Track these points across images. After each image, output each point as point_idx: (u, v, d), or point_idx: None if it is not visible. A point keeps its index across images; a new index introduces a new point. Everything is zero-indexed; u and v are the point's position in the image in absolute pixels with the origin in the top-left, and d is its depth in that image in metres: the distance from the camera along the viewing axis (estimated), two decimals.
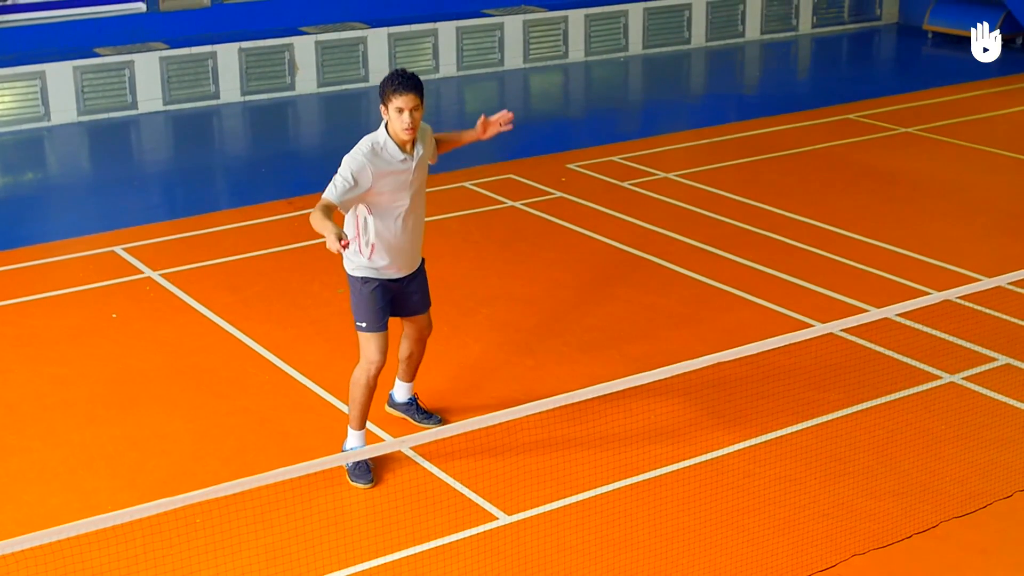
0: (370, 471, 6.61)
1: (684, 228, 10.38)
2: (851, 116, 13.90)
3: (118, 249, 10.06)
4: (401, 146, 6.39)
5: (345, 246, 5.79)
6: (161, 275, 9.49)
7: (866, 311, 8.55)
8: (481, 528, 6.26)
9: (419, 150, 6.50)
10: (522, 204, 11.03)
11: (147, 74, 14.44)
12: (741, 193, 11.23)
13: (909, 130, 13.32)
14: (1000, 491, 6.50)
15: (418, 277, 6.80)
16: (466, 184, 11.51)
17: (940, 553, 6.05)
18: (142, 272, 9.58)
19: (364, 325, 6.55)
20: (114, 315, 8.85)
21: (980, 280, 9.00)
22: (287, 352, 8.17)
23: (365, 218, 6.45)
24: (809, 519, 6.28)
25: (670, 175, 11.85)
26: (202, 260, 9.83)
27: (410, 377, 7.18)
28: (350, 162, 6.28)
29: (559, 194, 11.28)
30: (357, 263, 6.55)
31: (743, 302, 8.90)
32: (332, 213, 6.12)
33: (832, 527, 6.21)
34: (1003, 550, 6.09)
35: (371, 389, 6.61)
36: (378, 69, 15.62)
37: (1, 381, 7.96)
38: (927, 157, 12.44)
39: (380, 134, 6.40)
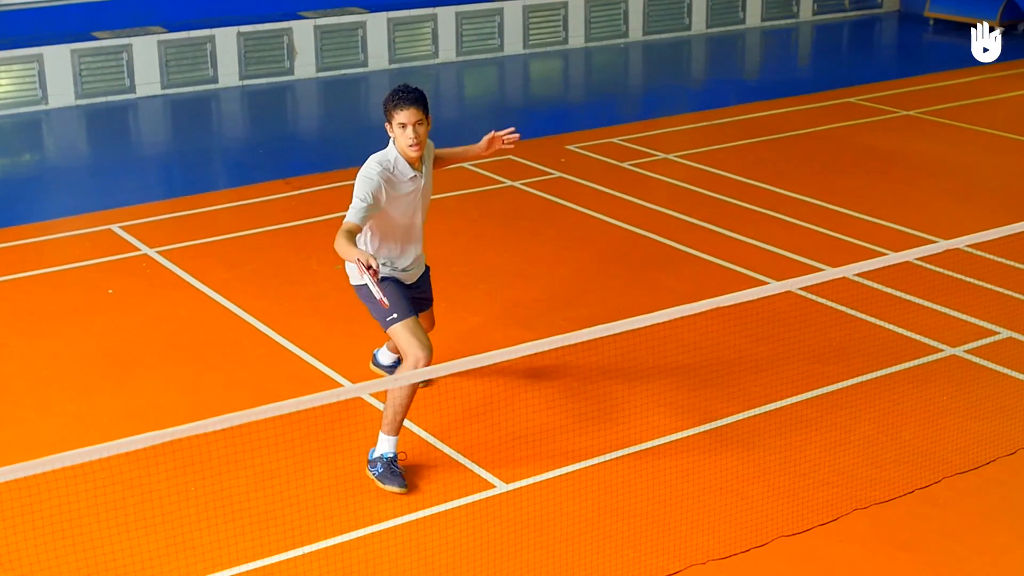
0: (402, 473, 6.26)
1: (684, 207, 10.32)
2: (852, 99, 13.84)
3: (115, 227, 10.00)
4: (411, 163, 6.31)
5: (375, 275, 5.63)
6: (158, 252, 9.44)
7: (865, 286, 8.52)
8: (478, 496, 6.20)
9: (427, 166, 6.44)
10: (521, 184, 10.97)
11: (145, 58, 14.38)
12: (742, 173, 11.17)
13: (910, 113, 13.26)
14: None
15: (424, 280, 6.77)
16: (464, 165, 11.42)
17: (942, 519, 5.99)
18: (138, 249, 9.53)
19: (395, 316, 6.26)
20: (110, 291, 8.80)
21: (978, 255, 8.96)
22: (283, 326, 8.12)
23: (369, 230, 6.34)
24: (811, 486, 6.22)
25: (670, 156, 11.78)
26: (199, 238, 9.78)
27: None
28: (365, 183, 6.16)
29: (558, 174, 11.22)
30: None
31: (743, 278, 8.84)
32: (355, 237, 5.97)
33: (833, 494, 6.15)
34: (1007, 515, 6.03)
35: (414, 390, 6.28)
36: (377, 54, 15.58)
37: None
38: (929, 139, 12.38)
39: (389, 152, 6.31)
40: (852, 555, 5.71)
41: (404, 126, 6.18)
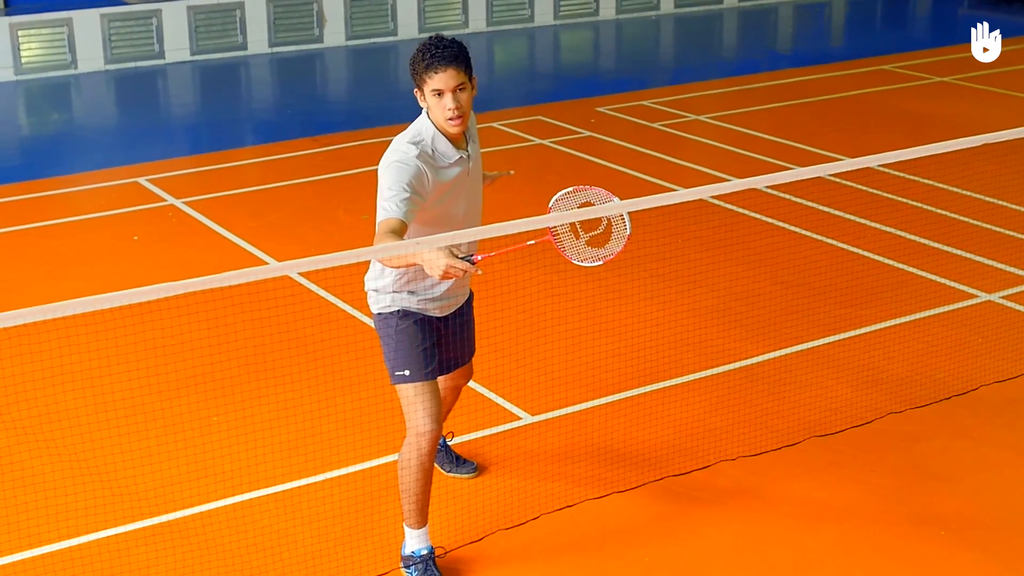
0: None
1: (715, 164, 10.21)
2: (886, 67, 13.68)
3: (141, 180, 9.97)
4: (453, 141, 4.76)
5: (477, 263, 4.47)
6: (184, 202, 9.39)
7: (899, 236, 8.40)
8: (503, 427, 6.11)
9: (474, 143, 4.94)
10: (550, 142, 10.87)
11: (174, 23, 14.36)
12: (774, 133, 11.05)
13: (945, 79, 13.09)
14: None
15: (465, 313, 5.22)
16: (493, 124, 11.35)
17: (977, 451, 5.85)
18: (165, 200, 9.48)
19: (407, 373, 4.82)
20: (135, 237, 8.76)
21: (1017, 209, 8.82)
22: (309, 270, 8.04)
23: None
24: (843, 421, 6.09)
25: (701, 117, 11.66)
26: (226, 189, 9.73)
27: None
28: (399, 169, 4.56)
29: (588, 133, 11.12)
30: (390, 295, 4.92)
31: (773, 228, 8.72)
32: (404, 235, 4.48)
33: (866, 428, 6.02)
34: None
35: (427, 471, 4.88)
36: (407, 23, 15.51)
37: (20, 295, 7.86)
38: (964, 103, 12.21)
39: (423, 128, 4.72)
40: (886, 485, 5.57)
41: (440, 93, 4.62)
